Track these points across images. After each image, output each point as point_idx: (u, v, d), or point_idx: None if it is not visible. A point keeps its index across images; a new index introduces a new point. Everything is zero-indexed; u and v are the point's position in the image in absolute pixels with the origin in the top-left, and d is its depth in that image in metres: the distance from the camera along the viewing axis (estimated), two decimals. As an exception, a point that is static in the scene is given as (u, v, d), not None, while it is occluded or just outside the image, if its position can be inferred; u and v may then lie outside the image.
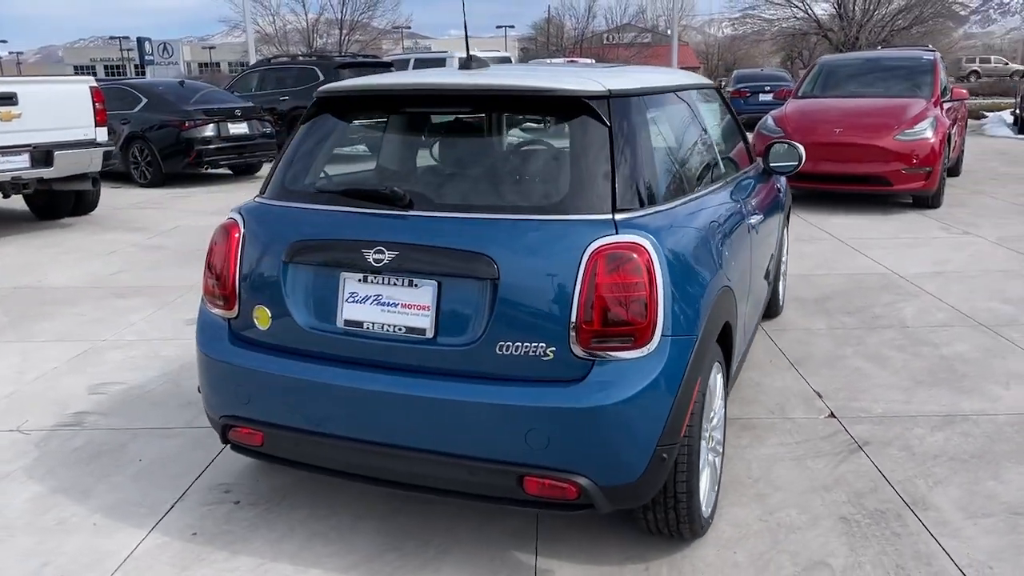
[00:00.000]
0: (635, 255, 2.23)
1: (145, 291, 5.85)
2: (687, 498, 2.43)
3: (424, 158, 2.72)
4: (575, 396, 2.22)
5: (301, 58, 17.89)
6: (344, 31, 41.21)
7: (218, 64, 78.08)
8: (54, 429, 3.59)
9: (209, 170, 12.15)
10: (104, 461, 3.30)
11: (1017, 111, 17.56)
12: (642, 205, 2.39)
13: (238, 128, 12.08)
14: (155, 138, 11.53)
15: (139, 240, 7.78)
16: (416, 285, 2.38)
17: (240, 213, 2.71)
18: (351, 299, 2.46)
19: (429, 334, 2.36)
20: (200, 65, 77.37)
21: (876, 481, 3.00)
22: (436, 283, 2.35)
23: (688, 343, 2.32)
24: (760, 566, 2.51)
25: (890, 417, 3.55)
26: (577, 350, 2.23)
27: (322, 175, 2.74)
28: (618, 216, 2.32)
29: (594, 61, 21.96)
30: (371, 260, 2.39)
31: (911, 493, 2.91)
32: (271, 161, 12.91)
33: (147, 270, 6.53)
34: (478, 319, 2.31)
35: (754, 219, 3.34)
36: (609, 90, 2.46)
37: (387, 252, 2.37)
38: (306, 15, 42.15)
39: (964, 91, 10.71)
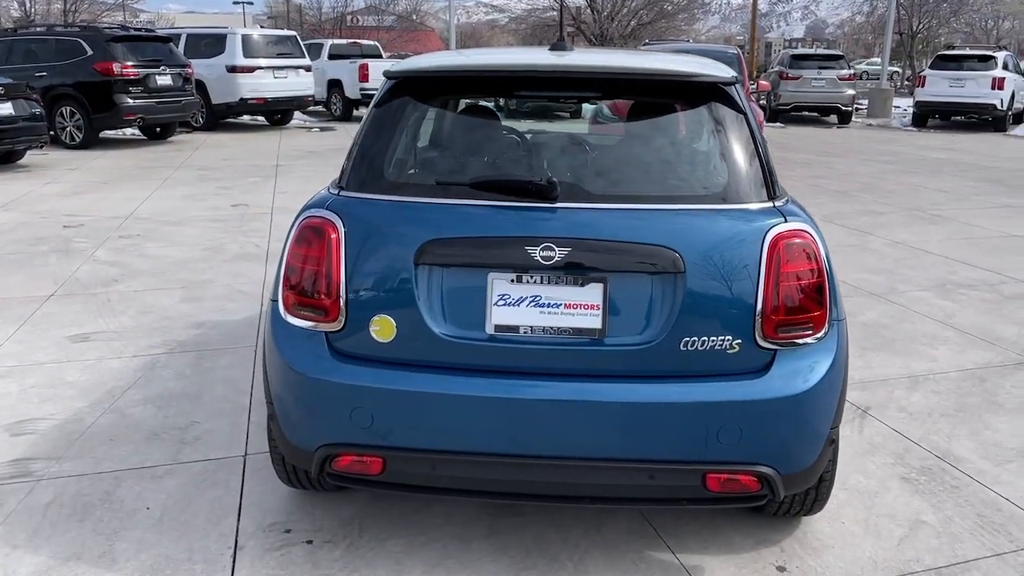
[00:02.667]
0: (808, 241, 2.25)
1: (-11, 305, 4.84)
2: (830, 477, 2.51)
3: (547, 146, 2.52)
4: (768, 387, 2.20)
5: (61, 28, 15.60)
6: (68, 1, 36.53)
7: None
8: None
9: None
10: (101, 515, 2.71)
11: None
12: (779, 192, 2.41)
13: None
14: None
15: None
16: (583, 283, 2.21)
17: (333, 210, 2.33)
18: (501, 302, 2.23)
19: (600, 335, 2.21)
20: None
21: (902, 441, 3.29)
22: (605, 280, 2.20)
23: (843, 325, 2.39)
24: (873, 531, 2.66)
25: (868, 382, 3.91)
26: (762, 341, 2.21)
27: (435, 165, 2.45)
28: (776, 203, 2.32)
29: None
30: (539, 258, 2.18)
31: (939, 448, 3.23)
32: (39, 148, 11.19)
33: (-30, 280, 5.40)
34: (659, 315, 2.20)
35: None
36: (735, 76, 2.45)
37: (557, 249, 2.18)
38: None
39: (767, 83, 11.90)
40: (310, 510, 2.75)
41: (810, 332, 2.24)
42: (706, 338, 2.19)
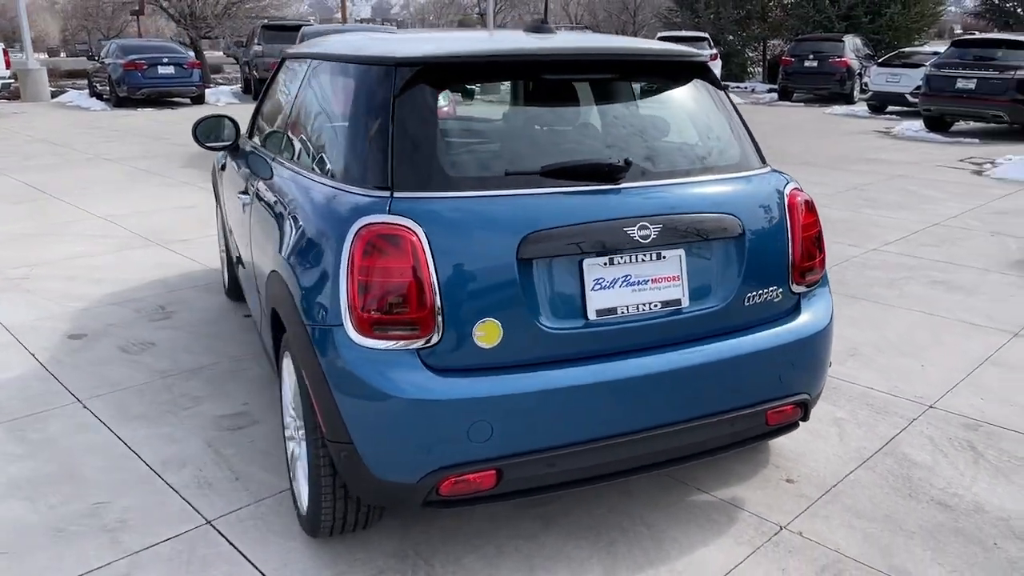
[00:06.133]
0: (807, 196, 2.61)
1: None
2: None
3: (588, 127, 2.47)
4: (805, 326, 2.53)
5: None
6: None
7: None
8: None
9: None
10: None
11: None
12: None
13: None
14: None
15: None
16: (664, 257, 2.31)
17: (403, 213, 2.09)
18: (597, 286, 2.23)
19: (684, 304, 2.34)
20: None
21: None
22: (682, 251, 2.33)
23: None
24: (818, 436, 3.19)
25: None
26: (794, 287, 2.54)
27: (492, 156, 2.28)
28: (771, 167, 2.65)
29: None
30: (637, 237, 2.22)
31: (960, 414, 3.37)
32: None
33: None
34: (728, 278, 2.39)
35: None
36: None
37: (651, 227, 2.24)
38: None
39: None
40: (347, 556, 2.44)
41: (819, 274, 2.63)
42: (761, 291, 2.45)
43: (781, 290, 2.50)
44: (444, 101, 3.88)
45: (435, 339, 2.09)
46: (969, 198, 7.89)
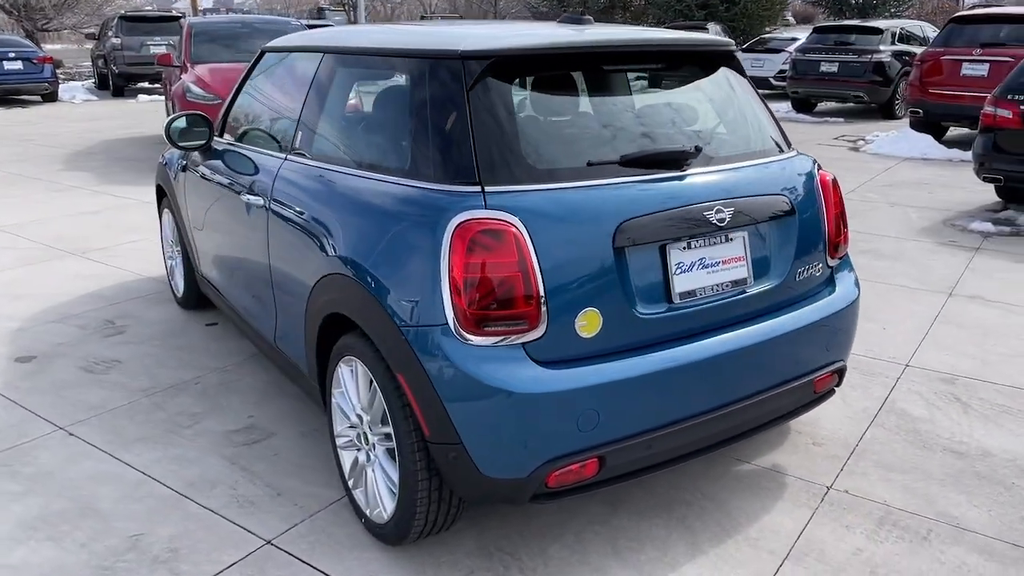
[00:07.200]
0: (834, 177, 2.77)
1: None
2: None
3: (649, 116, 2.48)
4: (842, 297, 2.69)
5: None
6: None
7: None
8: None
9: None
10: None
11: None
12: (784, 139, 2.87)
13: None
14: None
15: None
16: (731, 239, 2.40)
17: (499, 208, 2.06)
18: (679, 270, 2.29)
19: (749, 282, 2.44)
20: None
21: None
22: (746, 232, 2.43)
23: None
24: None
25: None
26: (830, 261, 2.69)
27: (571, 146, 2.27)
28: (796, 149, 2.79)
29: None
30: (715, 221, 2.29)
31: (934, 370, 3.92)
32: None
33: None
34: (784, 256, 2.51)
35: None
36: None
37: (725, 210, 2.32)
38: None
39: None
40: (431, 560, 2.39)
41: (845, 249, 2.80)
42: (807, 267, 2.59)
43: (820, 265, 2.65)
44: (352, 96, 3.87)
45: (540, 332, 2.08)
46: (858, 173, 8.52)
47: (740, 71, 2.76)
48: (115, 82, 17.68)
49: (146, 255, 5.58)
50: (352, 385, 2.47)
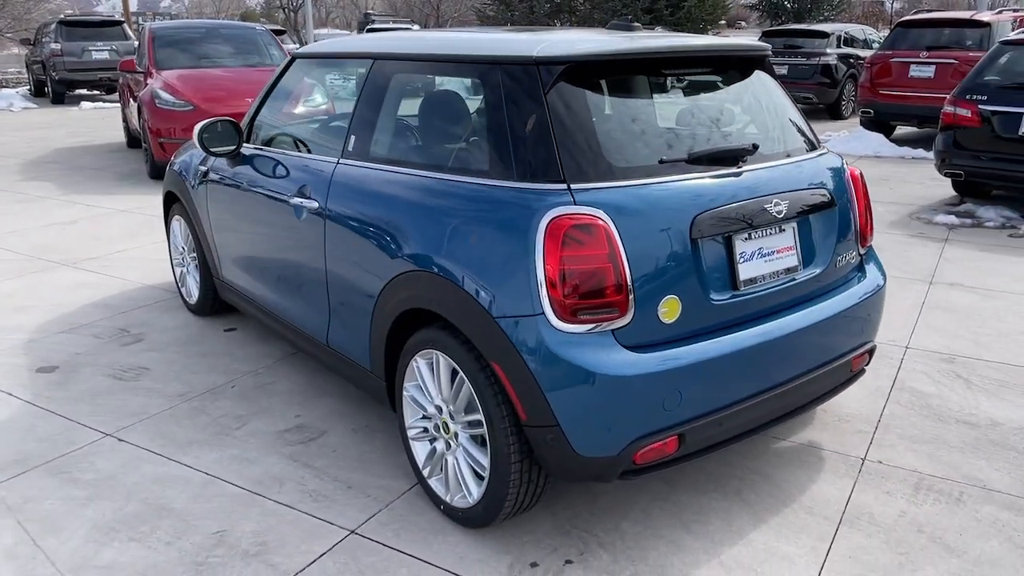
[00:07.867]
0: (860, 171, 2.99)
1: None
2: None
3: (694, 116, 2.64)
4: (871, 282, 2.91)
5: None
6: None
7: None
8: None
9: None
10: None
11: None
12: (809, 136, 3.09)
13: None
14: None
15: None
16: (783, 230, 2.59)
17: (589, 204, 2.21)
18: (742, 259, 2.47)
19: (799, 270, 2.63)
20: None
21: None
22: (795, 223, 2.62)
23: None
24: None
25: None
26: (861, 249, 2.91)
27: (644, 145, 2.42)
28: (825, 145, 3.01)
29: None
30: (774, 213, 2.48)
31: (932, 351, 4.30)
32: None
33: None
34: (827, 245, 2.72)
35: None
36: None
37: (782, 203, 2.51)
38: None
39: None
40: (515, 540, 2.52)
41: (872, 238, 3.02)
42: (844, 255, 2.80)
43: (854, 252, 2.87)
44: (323, 99, 3.97)
45: (628, 319, 2.24)
46: (818, 170, 8.91)
47: (773, 73, 2.96)
48: (55, 89, 17.15)
49: (140, 264, 5.54)
50: (430, 377, 2.57)
